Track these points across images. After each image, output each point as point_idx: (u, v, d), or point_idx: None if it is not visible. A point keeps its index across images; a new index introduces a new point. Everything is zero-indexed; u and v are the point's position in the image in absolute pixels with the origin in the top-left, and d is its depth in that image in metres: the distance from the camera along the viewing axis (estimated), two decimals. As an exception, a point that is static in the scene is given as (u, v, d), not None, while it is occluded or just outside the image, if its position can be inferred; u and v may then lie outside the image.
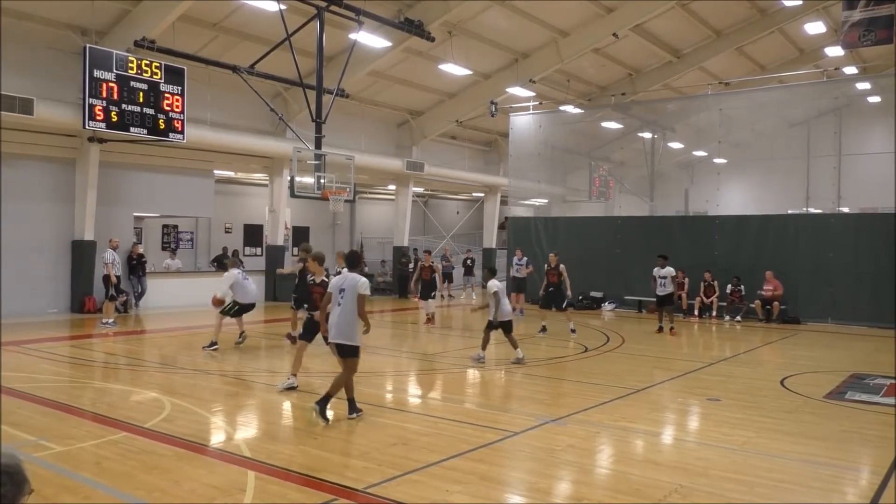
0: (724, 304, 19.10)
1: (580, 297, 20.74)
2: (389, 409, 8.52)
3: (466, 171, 28.18)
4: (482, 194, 30.56)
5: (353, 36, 16.75)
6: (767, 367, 12.28)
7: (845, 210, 22.04)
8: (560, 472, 6.12)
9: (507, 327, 11.35)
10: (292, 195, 16.24)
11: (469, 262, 28.75)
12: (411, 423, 7.48)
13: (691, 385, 10.01)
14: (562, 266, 14.91)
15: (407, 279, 25.18)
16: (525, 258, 19.97)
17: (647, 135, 27.74)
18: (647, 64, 25.47)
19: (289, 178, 16.69)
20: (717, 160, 24.15)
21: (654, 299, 16.30)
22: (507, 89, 22.78)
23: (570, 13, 20.49)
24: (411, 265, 25.62)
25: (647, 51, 24.00)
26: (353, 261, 8.12)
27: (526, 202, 27.40)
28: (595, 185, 29.26)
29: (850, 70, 24.49)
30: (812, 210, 22.66)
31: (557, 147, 25.80)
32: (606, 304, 21.09)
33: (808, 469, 6.27)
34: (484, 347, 11.43)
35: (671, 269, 15.66)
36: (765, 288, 18.42)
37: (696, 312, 19.33)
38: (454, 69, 20.67)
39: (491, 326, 11.35)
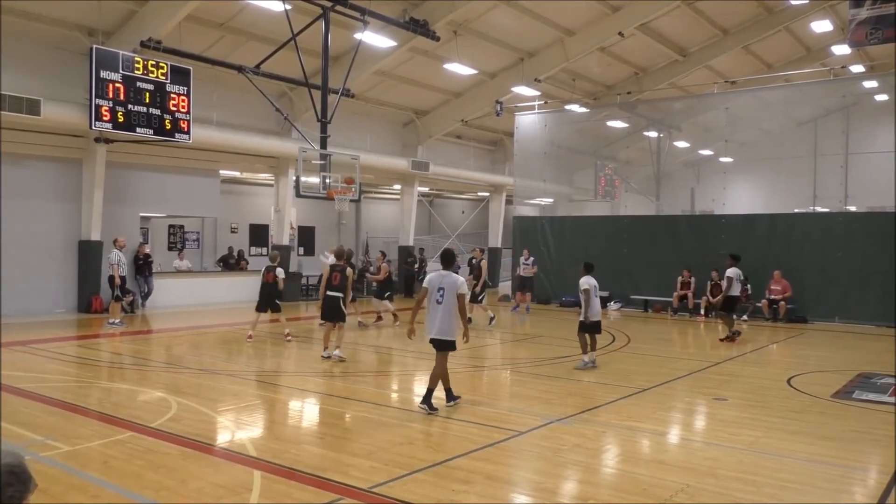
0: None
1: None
2: (395, 408, 8.51)
3: (472, 170, 28.17)
4: (487, 194, 30.55)
5: (358, 36, 16.76)
6: (774, 366, 12.24)
7: (853, 209, 21.93)
8: (566, 472, 6.11)
9: (596, 328, 10.86)
10: (298, 195, 16.26)
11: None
12: (417, 422, 7.47)
13: (698, 385, 9.98)
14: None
15: (412, 279, 25.18)
16: (532, 258, 19.96)
17: (653, 134, 27.67)
18: (653, 63, 25.40)
19: (294, 177, 16.71)
20: (723, 159, 24.07)
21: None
22: (513, 89, 22.76)
23: (576, 12, 20.45)
24: (416, 265, 25.63)
25: (653, 50, 23.94)
26: (449, 260, 8.17)
27: (531, 202, 27.36)
28: (601, 185, 29.20)
29: (858, 68, 24.34)
30: (819, 209, 22.53)
31: (563, 146, 25.77)
32: (612, 303, 21.05)
33: (816, 469, 6.24)
34: (585, 351, 10.86)
35: (737, 269, 14.40)
36: (772, 287, 18.35)
37: (702, 312, 19.27)
38: (459, 69, 20.65)
39: (584, 328, 10.80)
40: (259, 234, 26.13)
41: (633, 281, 20.73)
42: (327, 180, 15.79)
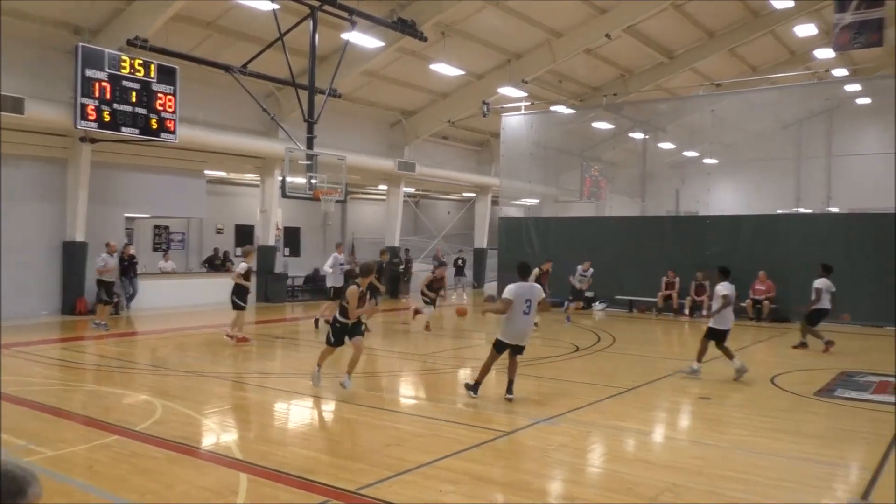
0: (582, 302, 19.35)
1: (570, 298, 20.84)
2: (383, 409, 8.51)
3: (458, 171, 28.19)
4: (473, 194, 30.58)
5: (345, 36, 16.73)
6: (758, 365, 12.31)
7: (835, 210, 22.16)
8: (553, 472, 6.14)
9: (722, 336, 10.30)
10: (284, 195, 16.21)
11: (460, 262, 28.77)
12: (405, 423, 7.48)
13: (683, 384, 10.04)
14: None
15: (398, 280, 25.16)
16: (591, 269, 19.12)
17: (639, 135, 27.81)
18: (640, 65, 25.54)
19: (280, 178, 16.64)
20: (707, 161, 24.24)
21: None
22: (500, 89, 22.80)
23: (563, 14, 20.52)
24: (402, 266, 25.62)
25: (639, 52, 24.07)
26: (526, 271, 8.88)
27: (517, 202, 27.43)
28: (587, 186, 29.32)
29: (841, 72, 24.61)
30: (802, 210, 22.76)
31: (549, 147, 25.85)
32: (597, 303, 21.14)
33: (802, 467, 6.31)
34: (699, 359, 10.29)
35: (825, 279, 13.32)
36: (757, 288, 18.51)
37: (686, 312, 19.41)
38: (447, 69, 20.67)
39: (715, 336, 10.24)
40: (245, 234, 26.01)
41: (617, 281, 20.82)
42: (313, 181, 15.75)
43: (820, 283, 13.24)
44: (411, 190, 29.99)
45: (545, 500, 5.54)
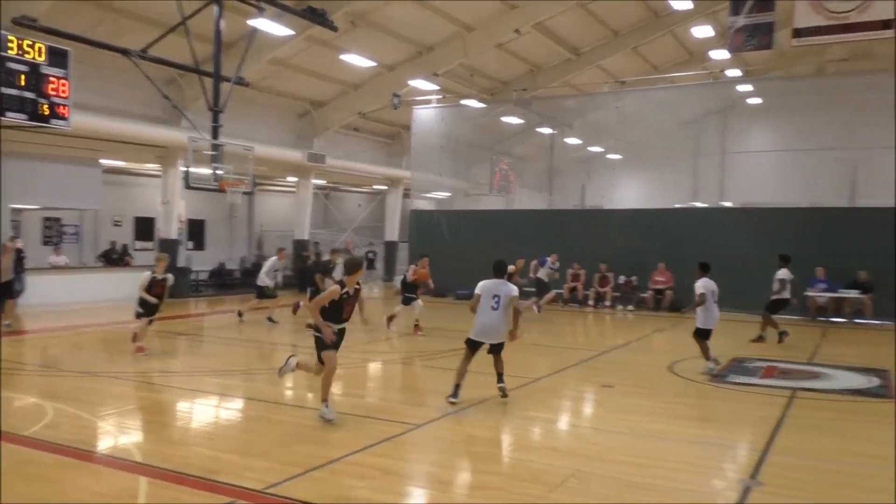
0: (618, 294, 19.92)
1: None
2: (290, 405, 8.36)
3: (369, 163, 27.98)
4: (385, 187, 30.46)
5: (252, 22, 16.24)
6: (658, 353, 12.89)
7: (729, 204, 23.36)
8: (461, 462, 6.20)
9: (708, 334, 10.20)
10: (187, 186, 15.60)
11: (371, 255, 28.61)
12: (313, 419, 7.37)
13: (587, 373, 10.36)
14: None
15: (307, 273, 24.74)
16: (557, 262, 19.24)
17: (547, 130, 28.43)
18: (548, 61, 26.06)
19: (183, 168, 16.01)
20: (612, 156, 25.09)
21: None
22: (411, 82, 22.76)
23: (474, 8, 20.66)
24: (311, 259, 25.22)
25: (548, 48, 24.55)
26: (501, 269, 8.73)
27: (429, 195, 27.52)
28: (496, 179, 29.74)
29: (735, 73, 25.92)
30: (698, 204, 23.88)
31: (460, 141, 26.05)
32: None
33: (697, 449, 6.64)
34: (708, 357, 10.13)
35: (786, 270, 13.56)
36: (656, 279, 19.32)
37: (590, 303, 20.03)
38: (357, 60, 20.43)
39: (701, 334, 10.20)
40: (145, 227, 24.93)
41: (525, 274, 21.22)
42: (219, 171, 15.24)
43: (782, 273, 13.53)
44: (321, 182, 29.54)
45: (454, 491, 5.60)
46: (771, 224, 18.75)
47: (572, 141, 29.40)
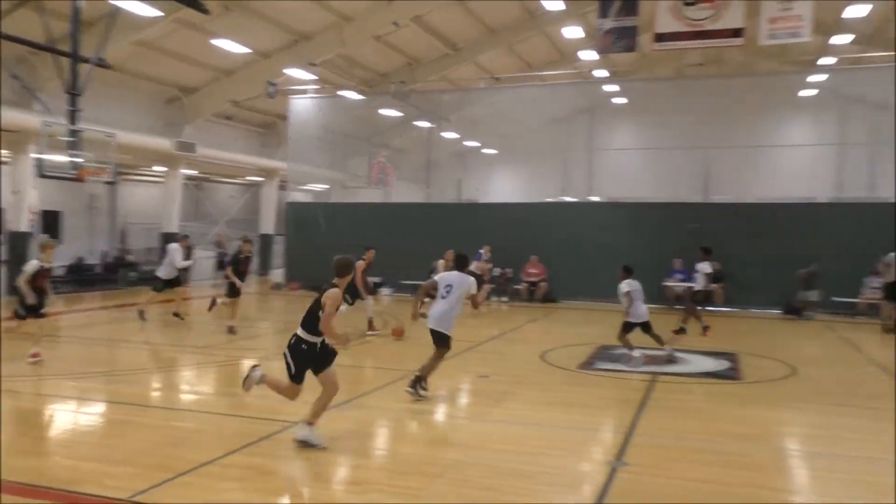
0: (493, 286, 20.41)
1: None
2: (157, 408, 7.98)
3: (243, 153, 27.06)
4: (260, 178, 29.58)
5: (115, 1, 15.25)
6: (531, 343, 13.33)
7: (596, 199, 24.51)
8: (341, 458, 6.16)
9: (644, 327, 10.68)
10: (41, 175, 14.46)
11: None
12: (182, 421, 7.07)
13: (464, 364, 10.57)
14: None
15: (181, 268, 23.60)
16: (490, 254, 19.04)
17: (425, 124, 28.63)
18: (426, 55, 26.21)
19: (36, 155, 14.82)
20: (487, 151, 25.64)
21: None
22: (287, 71, 22.20)
23: (353, -2, 20.43)
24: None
25: (426, 42, 24.69)
26: (463, 262, 8.80)
27: (306, 187, 27.00)
28: (374, 172, 29.64)
29: (603, 73, 27.14)
30: (568, 199, 24.89)
31: (338, 132, 25.74)
32: (384, 288, 21.51)
33: (567, 434, 6.94)
34: (630, 348, 10.55)
35: (706, 264, 13.73)
36: (529, 271, 19.98)
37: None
38: (230, 46, 19.66)
39: (630, 327, 10.62)
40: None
41: (404, 266, 21.34)
42: (77, 159, 14.23)
43: (704, 265, 13.70)
44: (192, 172, 28.25)
45: (334, 487, 5.56)
46: (635, 218, 19.84)
47: (449, 135, 29.77)
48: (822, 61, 22.87)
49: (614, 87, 25.57)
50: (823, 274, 17.16)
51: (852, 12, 18.75)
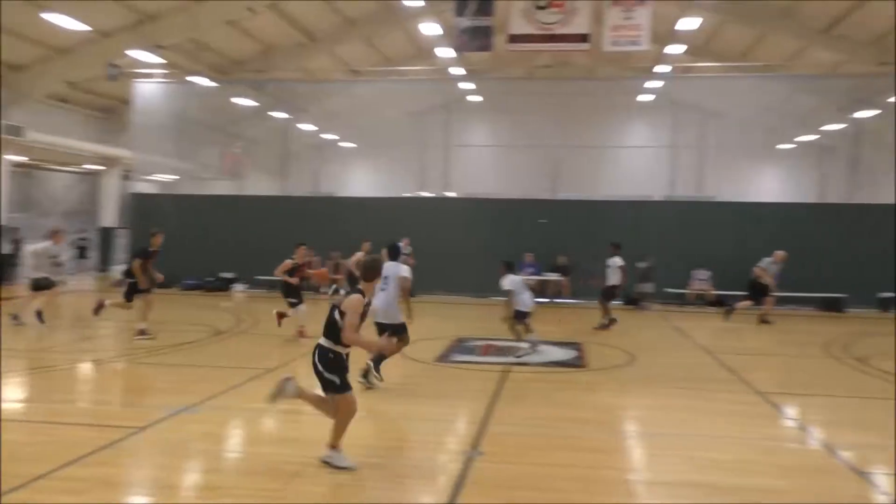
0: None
1: (210, 278, 20.23)
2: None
3: (80, 139, 25.09)
4: (100, 167, 27.55)
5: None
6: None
7: (453, 195, 25.02)
8: (191, 464, 5.93)
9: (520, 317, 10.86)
10: None
11: (82, 242, 25.82)
12: (10, 432, 6.49)
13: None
14: None
15: (3, 264, 21.55)
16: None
17: (281, 114, 27.93)
18: (283, 43, 25.53)
19: None
20: (345, 144, 25.44)
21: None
22: (130, 52, 20.81)
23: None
24: (11, 247, 22.05)
25: (282, 30, 24.03)
26: (395, 253, 9.15)
27: (152, 178, 25.50)
28: (228, 163, 28.50)
29: (459, 71, 27.68)
30: (424, 194, 25.21)
31: (188, 120, 24.49)
32: (237, 285, 20.81)
33: (423, 426, 7.08)
34: (520, 338, 10.82)
35: (619, 258, 14.30)
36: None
37: (323, 290, 20.19)
38: (64, 21, 18.13)
39: (519, 316, 10.82)
40: None
41: (260, 261, 20.73)
42: None
43: (616, 260, 14.23)
44: (20, 158, 25.82)
45: (184, 495, 5.33)
46: (489, 213, 20.46)
47: (306, 126, 29.23)
48: (658, 69, 24.66)
49: (470, 85, 26.17)
50: (657, 267, 18.60)
51: (685, 24, 20.35)
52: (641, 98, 25.43)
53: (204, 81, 23.14)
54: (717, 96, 22.80)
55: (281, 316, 11.87)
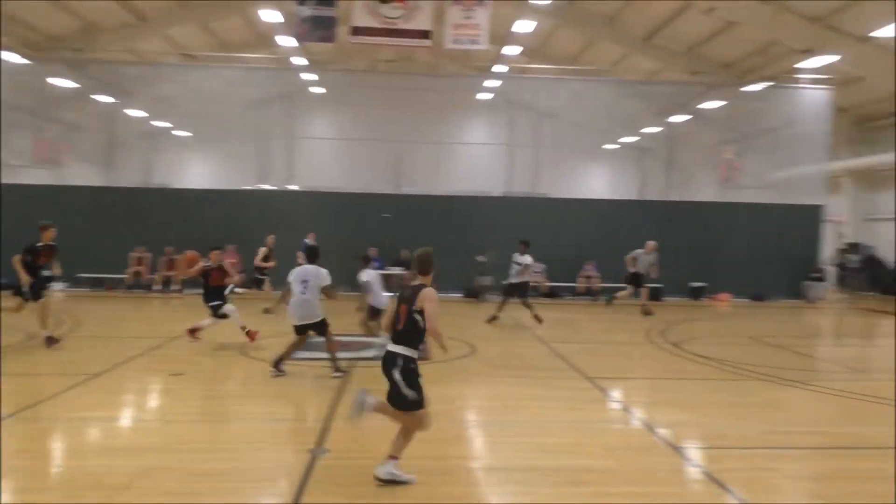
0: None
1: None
2: None
3: None
4: None
5: None
6: (230, 336, 12.88)
7: (295, 188, 24.46)
8: (5, 482, 5.38)
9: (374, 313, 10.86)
10: None
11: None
12: None
13: (155, 362, 9.89)
14: None
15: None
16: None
17: (107, 98, 25.86)
18: (108, 21, 23.65)
19: None
20: (180, 133, 24.07)
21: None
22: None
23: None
24: None
25: (107, 6, 22.26)
26: (314, 254, 9.34)
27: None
28: (41, 149, 25.95)
29: (301, 61, 27.06)
30: (266, 186, 24.43)
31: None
32: (55, 283, 19.07)
33: (267, 427, 6.89)
34: (373, 335, 10.67)
35: (529, 256, 14.60)
36: (228, 262, 19.27)
37: (157, 287, 19.12)
38: None
39: (374, 311, 10.81)
40: None
41: (84, 258, 19.19)
42: None
43: (525, 258, 14.49)
44: None
45: (-6, 517, 4.84)
46: (333, 207, 20.25)
47: (135, 113, 27.28)
48: (496, 69, 25.55)
49: (313, 76, 25.70)
50: (496, 261, 19.32)
51: (521, 27, 21.22)
52: (481, 96, 26.21)
53: (14, 58, 20.93)
54: (549, 97, 23.95)
55: (193, 332, 11.15)
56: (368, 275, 11.04)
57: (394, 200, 20.98)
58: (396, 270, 19.75)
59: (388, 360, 5.45)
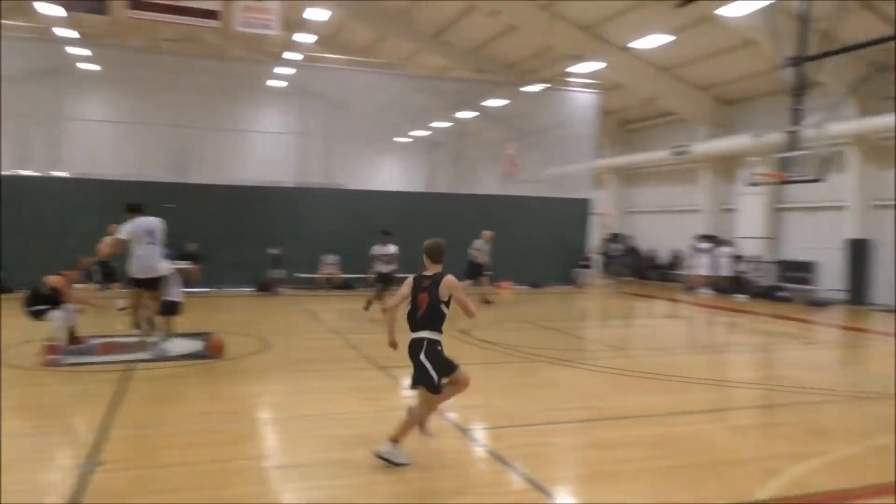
0: None
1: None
2: None
3: None
4: None
5: None
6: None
7: (64, 174, 22.08)
8: None
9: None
10: None
11: None
12: None
13: None
14: None
15: None
16: None
17: None
18: None
19: None
20: None
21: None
22: None
23: None
24: None
25: None
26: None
27: None
28: None
29: (71, 33, 24.38)
30: (27, 172, 21.78)
31: None
32: None
33: (27, 443, 6.20)
34: (149, 334, 10.11)
35: (394, 246, 14.59)
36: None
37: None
38: None
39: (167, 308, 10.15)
40: None
41: None
42: None
43: (391, 248, 14.55)
44: None
45: None
46: (107, 196, 18.58)
47: None
48: (288, 55, 24.97)
49: (84, 52, 23.30)
50: (288, 253, 19.02)
51: (313, 14, 20.93)
52: (272, 83, 25.47)
53: None
54: (342, 88, 23.81)
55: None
56: (166, 268, 10.24)
57: (179, 190, 19.74)
58: (183, 264, 18.67)
59: (415, 346, 5.86)
